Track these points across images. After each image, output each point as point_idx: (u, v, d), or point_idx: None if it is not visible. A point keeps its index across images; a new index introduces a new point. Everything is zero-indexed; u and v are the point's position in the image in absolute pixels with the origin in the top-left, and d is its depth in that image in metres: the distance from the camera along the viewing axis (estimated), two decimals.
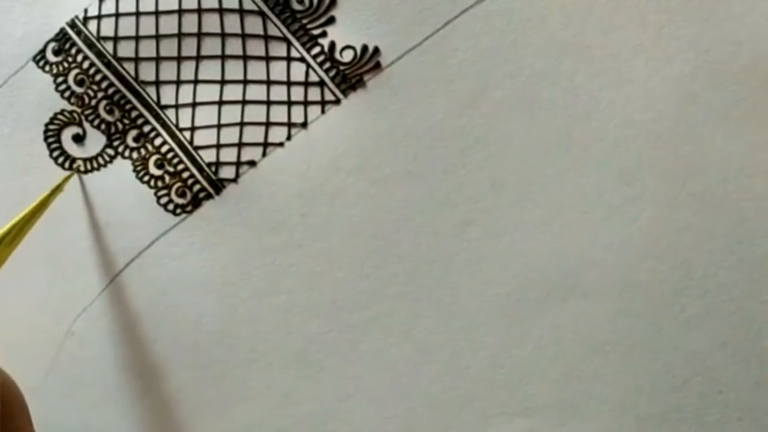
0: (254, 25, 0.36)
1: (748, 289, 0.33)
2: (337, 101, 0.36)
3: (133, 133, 0.37)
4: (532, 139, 0.34)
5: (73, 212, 0.37)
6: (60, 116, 0.38)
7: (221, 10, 0.36)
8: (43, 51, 0.37)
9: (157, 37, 0.36)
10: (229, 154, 0.36)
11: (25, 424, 0.32)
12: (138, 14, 0.36)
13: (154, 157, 0.37)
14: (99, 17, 0.37)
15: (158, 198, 0.37)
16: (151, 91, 0.37)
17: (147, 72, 0.37)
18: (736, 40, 0.33)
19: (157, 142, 0.37)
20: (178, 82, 0.36)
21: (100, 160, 0.37)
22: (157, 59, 0.36)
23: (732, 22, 0.33)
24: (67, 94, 0.37)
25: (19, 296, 0.38)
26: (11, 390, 0.31)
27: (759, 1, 0.33)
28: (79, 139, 0.38)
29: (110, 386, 0.38)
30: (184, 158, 0.37)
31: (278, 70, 0.36)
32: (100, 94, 0.37)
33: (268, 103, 0.36)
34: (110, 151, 0.37)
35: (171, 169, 0.37)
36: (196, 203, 0.37)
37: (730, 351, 0.33)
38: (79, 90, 0.37)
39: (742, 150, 0.33)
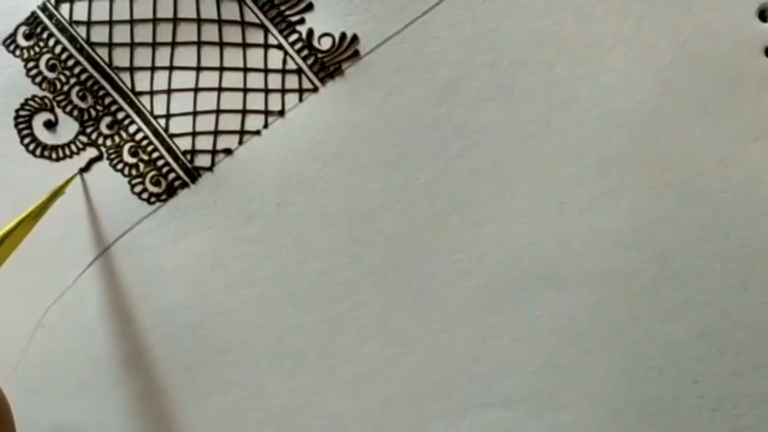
0: (231, 10, 0.35)
1: (725, 280, 0.33)
2: (315, 89, 0.35)
3: (107, 120, 0.37)
4: (511, 129, 0.34)
5: None
6: (31, 102, 0.37)
7: None
8: (13, 35, 0.37)
9: (132, 21, 0.36)
10: (204, 142, 0.36)
11: None
12: None
13: (128, 145, 0.37)
14: (71, 0, 0.36)
15: (132, 186, 0.37)
16: (125, 77, 0.36)
17: (121, 58, 0.36)
18: (715, 30, 0.33)
19: (132, 129, 0.37)
20: (153, 69, 0.36)
21: (73, 148, 0.37)
22: (132, 44, 0.36)
23: (711, 12, 0.33)
24: (38, 79, 0.37)
25: None
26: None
27: None
28: (50, 125, 0.37)
29: (82, 379, 0.37)
30: (159, 146, 0.36)
31: (255, 57, 0.36)
32: (72, 80, 0.37)
33: (245, 90, 0.36)
34: (83, 138, 0.37)
35: (145, 157, 0.36)
36: (171, 192, 0.36)
37: (707, 342, 0.33)
38: (50, 75, 0.37)
39: (720, 141, 0.33)
